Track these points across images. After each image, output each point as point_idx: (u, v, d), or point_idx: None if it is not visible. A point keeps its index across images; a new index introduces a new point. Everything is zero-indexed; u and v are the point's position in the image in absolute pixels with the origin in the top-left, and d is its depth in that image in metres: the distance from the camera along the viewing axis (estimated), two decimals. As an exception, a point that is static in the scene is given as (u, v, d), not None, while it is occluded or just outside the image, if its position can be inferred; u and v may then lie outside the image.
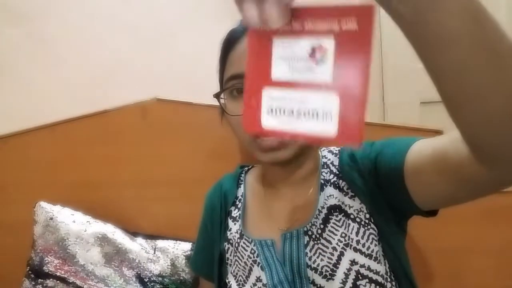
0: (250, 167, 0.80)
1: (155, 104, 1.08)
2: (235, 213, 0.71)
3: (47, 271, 0.97)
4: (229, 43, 0.62)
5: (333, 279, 0.57)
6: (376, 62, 1.83)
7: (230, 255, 0.69)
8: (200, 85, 1.41)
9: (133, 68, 1.51)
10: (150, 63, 1.55)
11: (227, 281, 0.67)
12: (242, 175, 0.77)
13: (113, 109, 1.10)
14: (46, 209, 1.01)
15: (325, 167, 0.67)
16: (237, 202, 0.73)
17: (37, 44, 1.38)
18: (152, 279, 0.96)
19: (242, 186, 0.75)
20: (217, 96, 0.63)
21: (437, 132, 0.88)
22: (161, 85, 1.38)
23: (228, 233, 0.70)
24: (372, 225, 0.59)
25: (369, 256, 0.58)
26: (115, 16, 1.52)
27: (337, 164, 0.66)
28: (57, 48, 1.41)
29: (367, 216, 0.60)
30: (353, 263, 0.57)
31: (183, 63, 1.58)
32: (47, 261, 0.97)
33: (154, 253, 0.99)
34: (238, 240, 0.67)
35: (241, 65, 0.59)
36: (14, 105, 1.33)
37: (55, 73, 1.39)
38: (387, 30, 1.81)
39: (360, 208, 0.61)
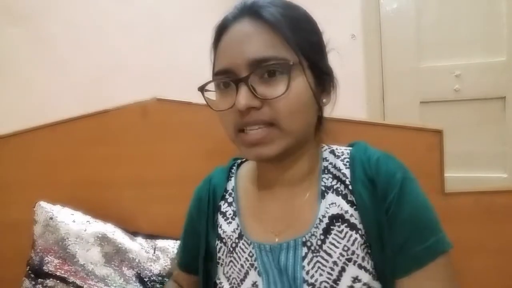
0: (244, 160, 0.75)
1: (155, 104, 1.08)
2: (224, 208, 0.68)
3: (47, 271, 0.97)
4: (219, 30, 0.59)
5: None
6: (376, 63, 1.83)
7: (223, 255, 0.65)
8: (200, 85, 1.41)
9: (133, 68, 1.51)
10: (150, 63, 1.55)
11: (218, 281, 0.64)
12: (234, 167, 0.73)
13: (113, 109, 1.10)
14: (46, 209, 1.02)
15: (326, 172, 0.62)
16: (227, 196, 0.69)
17: (37, 44, 1.38)
18: (152, 278, 0.96)
19: (232, 179, 0.70)
20: (201, 89, 0.59)
21: (437, 132, 0.88)
22: (161, 85, 1.38)
23: (220, 230, 0.66)
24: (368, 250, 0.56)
25: (371, 273, 0.55)
26: (115, 16, 1.52)
27: (343, 169, 0.61)
28: (57, 48, 1.41)
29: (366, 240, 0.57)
30: (356, 280, 0.54)
31: (183, 63, 1.58)
32: (47, 261, 0.97)
33: (154, 252, 0.99)
34: (236, 241, 0.63)
35: (226, 58, 0.56)
36: (14, 105, 1.33)
37: (55, 73, 1.40)
38: (387, 31, 1.81)
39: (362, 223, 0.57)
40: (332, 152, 0.65)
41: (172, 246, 1.00)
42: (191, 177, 1.04)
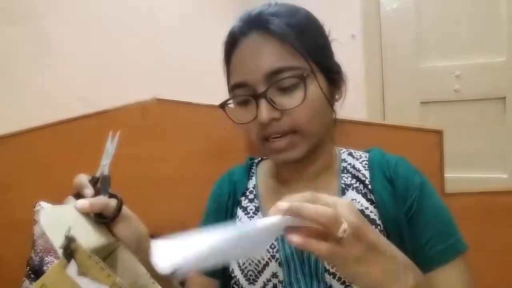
0: (259, 159, 0.79)
1: (155, 104, 1.08)
2: (245, 203, 0.70)
3: (47, 271, 0.97)
4: (229, 46, 0.62)
5: (352, 286, 0.56)
6: (376, 63, 1.84)
7: None
8: (200, 85, 1.42)
9: (133, 68, 1.51)
10: (150, 63, 1.55)
11: (232, 275, 0.66)
12: (253, 166, 0.76)
13: (113, 109, 1.10)
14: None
15: (345, 171, 0.66)
16: (248, 193, 0.71)
17: (37, 44, 1.38)
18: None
19: (253, 177, 0.73)
20: (222, 106, 0.63)
21: (437, 132, 0.88)
22: (161, 85, 1.39)
23: (239, 222, 0.68)
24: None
25: None
26: (115, 16, 1.52)
27: (362, 170, 0.65)
28: (57, 48, 1.41)
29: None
30: None
31: (182, 63, 1.59)
32: (47, 261, 0.97)
33: (154, 253, 0.99)
34: None
35: (241, 72, 0.59)
36: (14, 105, 1.33)
37: (55, 73, 1.39)
38: (387, 31, 1.82)
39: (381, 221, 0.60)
40: (350, 154, 0.70)
41: (172, 246, 1.00)
42: (191, 177, 1.05)
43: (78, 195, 0.59)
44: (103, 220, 0.57)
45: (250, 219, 0.68)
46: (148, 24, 1.58)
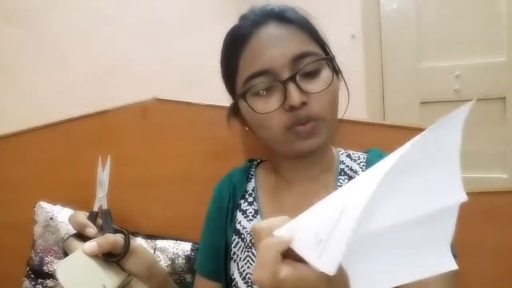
0: (259, 161, 0.79)
1: (155, 104, 1.08)
2: (244, 206, 0.70)
3: (47, 271, 0.97)
4: (239, 41, 0.60)
5: None
6: (376, 63, 1.83)
7: (238, 250, 0.67)
8: (200, 85, 1.42)
9: (133, 68, 1.52)
10: (150, 63, 1.55)
11: (232, 277, 0.66)
12: (252, 169, 0.76)
13: (113, 109, 1.10)
14: (46, 209, 1.01)
15: (343, 173, 0.66)
16: (247, 196, 0.71)
17: (37, 44, 1.38)
18: (152, 279, 0.96)
19: (252, 180, 0.73)
20: (242, 96, 0.59)
21: (437, 132, 0.88)
22: (161, 85, 1.39)
23: (239, 225, 0.68)
24: None
25: None
26: (115, 16, 1.52)
27: (359, 172, 0.65)
28: (57, 48, 1.41)
29: None
30: None
31: (183, 63, 1.59)
32: (47, 261, 0.97)
33: (154, 253, 0.99)
34: None
35: (262, 60, 0.57)
36: (14, 105, 1.33)
37: (55, 73, 1.39)
38: (387, 31, 1.81)
39: None
40: (349, 156, 0.69)
41: (172, 246, 1.00)
42: (191, 177, 1.05)
43: (80, 235, 0.58)
44: (113, 259, 0.55)
45: (249, 222, 0.68)
46: (148, 24, 1.58)
